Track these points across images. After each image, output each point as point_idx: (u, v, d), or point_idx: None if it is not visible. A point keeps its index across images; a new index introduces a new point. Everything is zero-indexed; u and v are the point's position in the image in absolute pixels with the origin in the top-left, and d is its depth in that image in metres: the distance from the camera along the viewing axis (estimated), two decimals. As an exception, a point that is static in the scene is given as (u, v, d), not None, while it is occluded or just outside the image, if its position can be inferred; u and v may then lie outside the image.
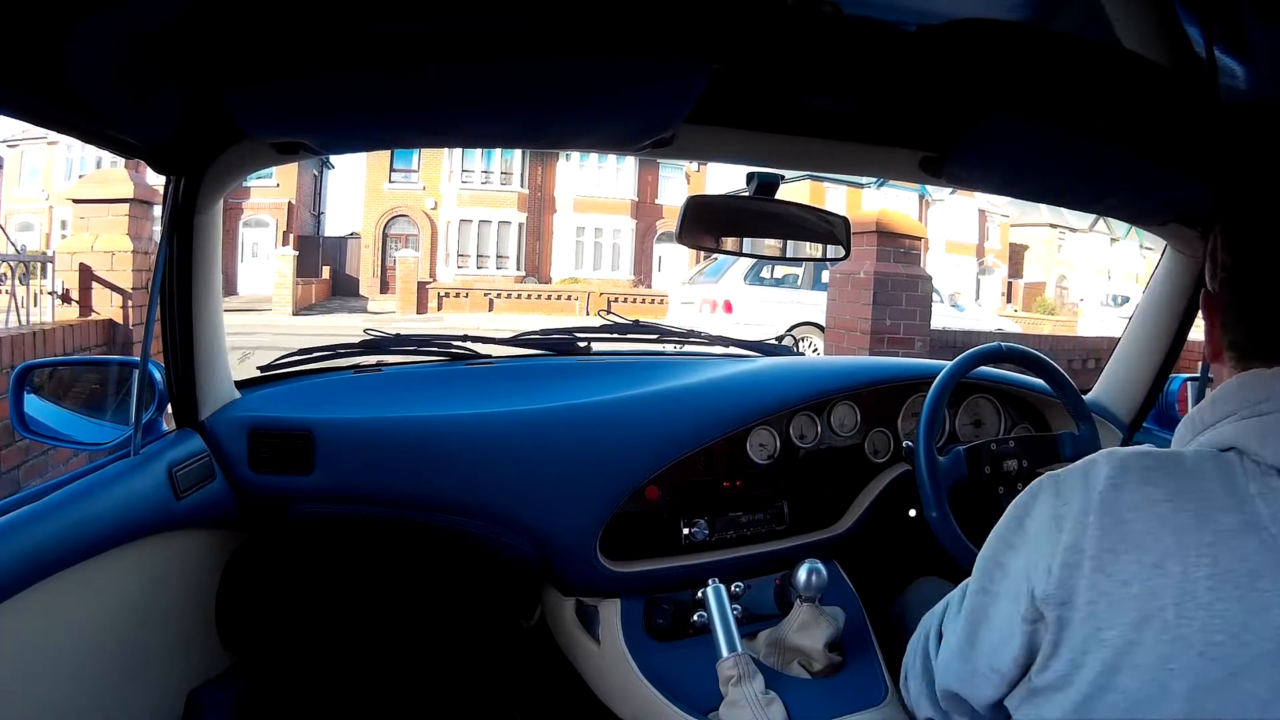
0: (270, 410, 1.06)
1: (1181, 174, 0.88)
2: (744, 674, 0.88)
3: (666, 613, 1.05)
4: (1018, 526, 0.56)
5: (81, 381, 1.12)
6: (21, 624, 0.71)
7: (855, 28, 0.64)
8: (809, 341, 6.85)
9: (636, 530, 1.10)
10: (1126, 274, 23.35)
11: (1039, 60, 0.66)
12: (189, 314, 0.93)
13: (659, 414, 1.13)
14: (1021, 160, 0.88)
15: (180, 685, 1.02)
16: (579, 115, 0.75)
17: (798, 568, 0.99)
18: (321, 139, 0.80)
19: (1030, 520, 0.55)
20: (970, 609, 0.61)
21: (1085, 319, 17.10)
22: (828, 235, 1.10)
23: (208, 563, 1.07)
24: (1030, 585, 0.53)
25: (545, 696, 1.31)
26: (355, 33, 0.62)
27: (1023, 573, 0.54)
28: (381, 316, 15.06)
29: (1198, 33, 0.58)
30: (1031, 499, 0.56)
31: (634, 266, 20.58)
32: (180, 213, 0.87)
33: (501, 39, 0.63)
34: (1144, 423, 1.34)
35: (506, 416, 1.09)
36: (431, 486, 1.05)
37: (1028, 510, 0.56)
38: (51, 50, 0.55)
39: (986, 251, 22.37)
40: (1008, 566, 0.56)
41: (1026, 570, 0.54)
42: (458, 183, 19.74)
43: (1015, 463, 1.10)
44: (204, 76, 0.67)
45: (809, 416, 1.22)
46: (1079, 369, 5.72)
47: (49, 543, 0.73)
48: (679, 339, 1.53)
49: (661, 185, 20.96)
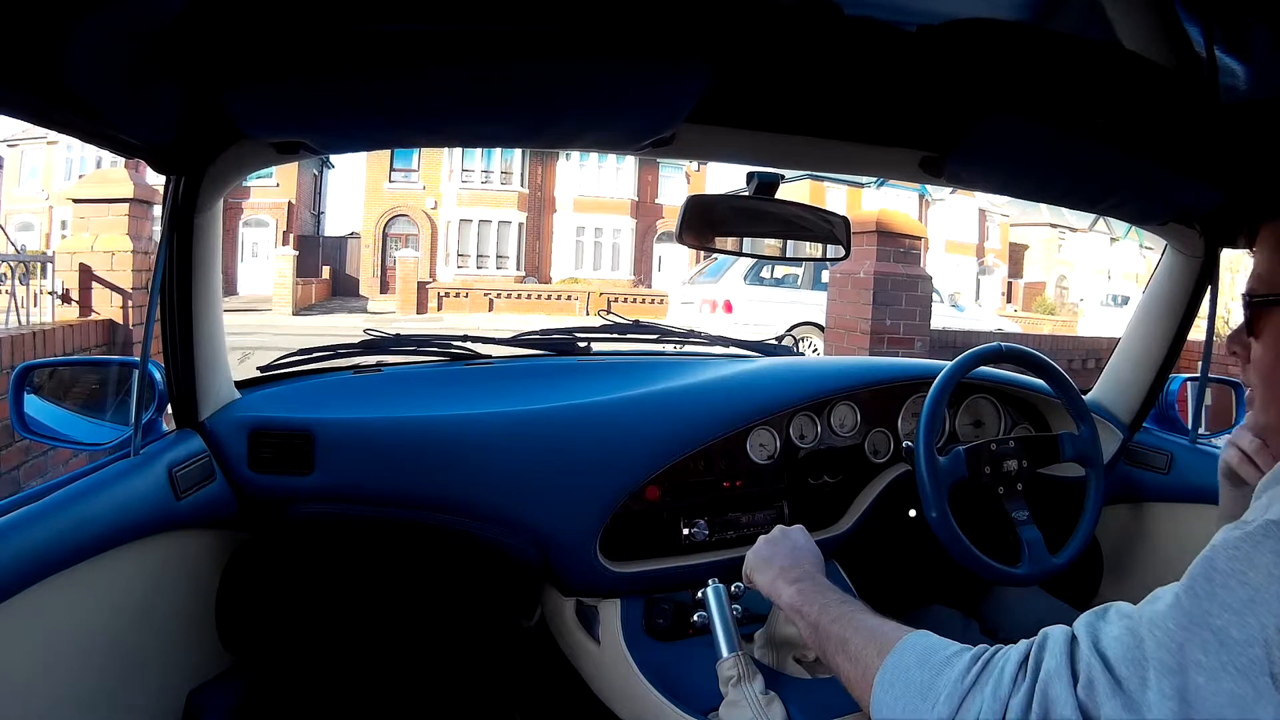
0: (270, 410, 1.06)
1: (1181, 174, 0.88)
2: (744, 674, 0.88)
3: (666, 613, 1.05)
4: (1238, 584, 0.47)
5: (81, 382, 1.12)
6: (21, 624, 0.70)
7: (855, 27, 0.64)
8: (809, 341, 6.85)
9: (636, 530, 1.10)
10: (1126, 274, 23.36)
11: (1039, 60, 0.66)
12: (189, 314, 0.93)
13: (659, 414, 1.13)
14: (1021, 160, 0.88)
15: (180, 685, 1.02)
16: (579, 115, 0.75)
17: None
18: (321, 139, 0.80)
19: (1254, 573, 0.47)
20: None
21: (1085, 319, 17.12)
22: (828, 235, 1.10)
23: (208, 563, 1.07)
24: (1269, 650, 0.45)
25: (545, 696, 1.31)
26: (355, 33, 0.62)
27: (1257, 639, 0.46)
28: (381, 316, 15.06)
29: (1198, 33, 0.58)
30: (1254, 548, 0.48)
31: (634, 266, 20.58)
32: (180, 213, 0.87)
33: (501, 39, 0.63)
34: (1144, 423, 1.34)
35: (506, 416, 1.09)
36: (432, 486, 1.05)
37: (1250, 561, 0.47)
38: (52, 50, 0.55)
39: (986, 251, 22.39)
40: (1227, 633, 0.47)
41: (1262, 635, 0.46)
42: (458, 182, 19.74)
43: (1015, 463, 1.10)
44: (205, 76, 0.67)
45: (809, 416, 1.22)
46: (1079, 369, 5.72)
47: (49, 543, 0.73)
48: (679, 339, 1.53)
49: (661, 185, 20.97)
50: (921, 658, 0.59)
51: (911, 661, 0.60)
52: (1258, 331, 0.62)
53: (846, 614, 0.71)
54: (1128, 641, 0.50)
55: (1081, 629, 0.54)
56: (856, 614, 0.70)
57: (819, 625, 0.73)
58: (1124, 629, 0.51)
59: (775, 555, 0.87)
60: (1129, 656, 0.49)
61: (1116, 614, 0.54)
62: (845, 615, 0.71)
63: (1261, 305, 0.61)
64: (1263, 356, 0.62)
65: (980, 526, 1.09)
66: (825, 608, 0.74)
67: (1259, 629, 0.46)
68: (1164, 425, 1.34)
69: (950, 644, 0.60)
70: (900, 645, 0.62)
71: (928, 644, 0.61)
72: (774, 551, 0.88)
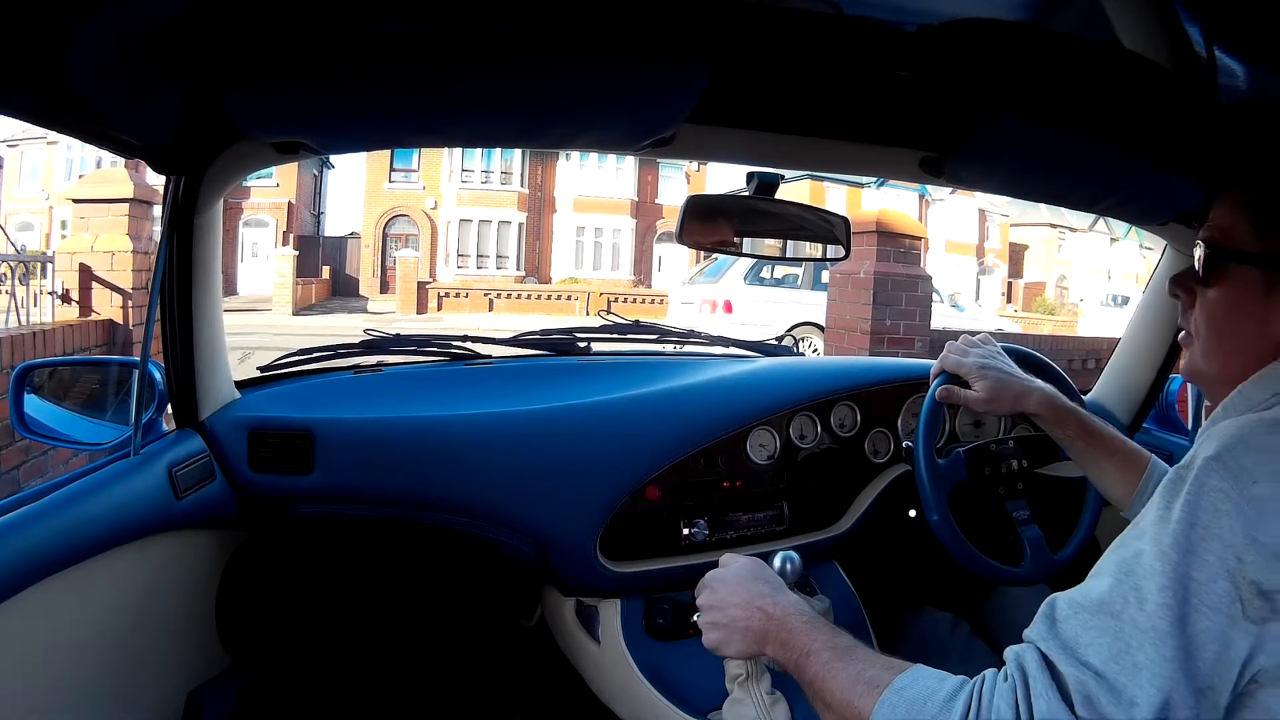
0: (270, 410, 1.06)
1: (1181, 174, 0.88)
2: (752, 673, 0.88)
3: (666, 613, 1.05)
4: (1189, 528, 0.50)
5: (81, 382, 1.12)
6: (21, 624, 0.70)
7: (855, 27, 0.64)
8: (809, 342, 6.85)
9: (637, 530, 1.10)
10: (1126, 274, 23.37)
11: (1038, 60, 0.66)
12: (189, 314, 0.93)
13: (659, 414, 1.13)
14: (1021, 160, 0.88)
15: (180, 685, 1.02)
16: (579, 115, 0.75)
17: (771, 559, 0.99)
18: (321, 139, 0.80)
19: (1202, 513, 0.50)
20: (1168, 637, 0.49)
21: (1085, 319, 17.12)
22: (828, 235, 1.10)
23: (208, 563, 1.07)
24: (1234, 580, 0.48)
25: (545, 696, 1.31)
26: (355, 33, 0.62)
27: (1220, 571, 0.49)
28: (381, 316, 15.06)
29: (1198, 33, 0.58)
30: (1199, 491, 0.51)
31: (634, 266, 20.59)
32: (180, 213, 0.87)
33: (501, 39, 0.63)
34: (1144, 423, 1.34)
35: (506, 416, 1.09)
36: (431, 486, 1.05)
37: (1198, 504, 0.50)
38: (51, 50, 0.55)
39: (986, 251, 22.39)
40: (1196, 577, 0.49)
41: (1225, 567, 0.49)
42: (458, 182, 19.75)
43: (1015, 462, 1.10)
44: (204, 76, 0.67)
45: (809, 416, 1.22)
46: (1080, 369, 5.72)
47: (49, 543, 0.73)
48: (679, 339, 1.53)
49: (661, 185, 20.97)
50: (910, 715, 0.55)
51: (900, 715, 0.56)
52: (1215, 280, 0.63)
53: (817, 670, 0.63)
54: (1105, 640, 0.50)
55: (1049, 644, 0.52)
56: (824, 671, 0.62)
57: (803, 684, 0.65)
58: (1092, 626, 0.51)
59: (729, 604, 0.73)
60: (1113, 652, 0.50)
61: (1069, 609, 0.53)
62: (817, 673, 0.63)
63: (1223, 257, 0.62)
64: (1215, 306, 0.63)
65: (981, 527, 1.09)
66: (798, 665, 0.65)
67: (1219, 564, 0.48)
68: (1164, 425, 1.34)
69: (936, 689, 0.55)
70: (880, 706, 0.56)
71: (911, 697, 0.56)
72: (724, 601, 0.74)
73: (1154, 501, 0.53)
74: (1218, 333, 0.64)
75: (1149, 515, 0.53)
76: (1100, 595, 0.52)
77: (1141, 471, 0.92)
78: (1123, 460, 0.94)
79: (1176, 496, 0.51)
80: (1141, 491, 0.91)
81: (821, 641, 0.64)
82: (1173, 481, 0.53)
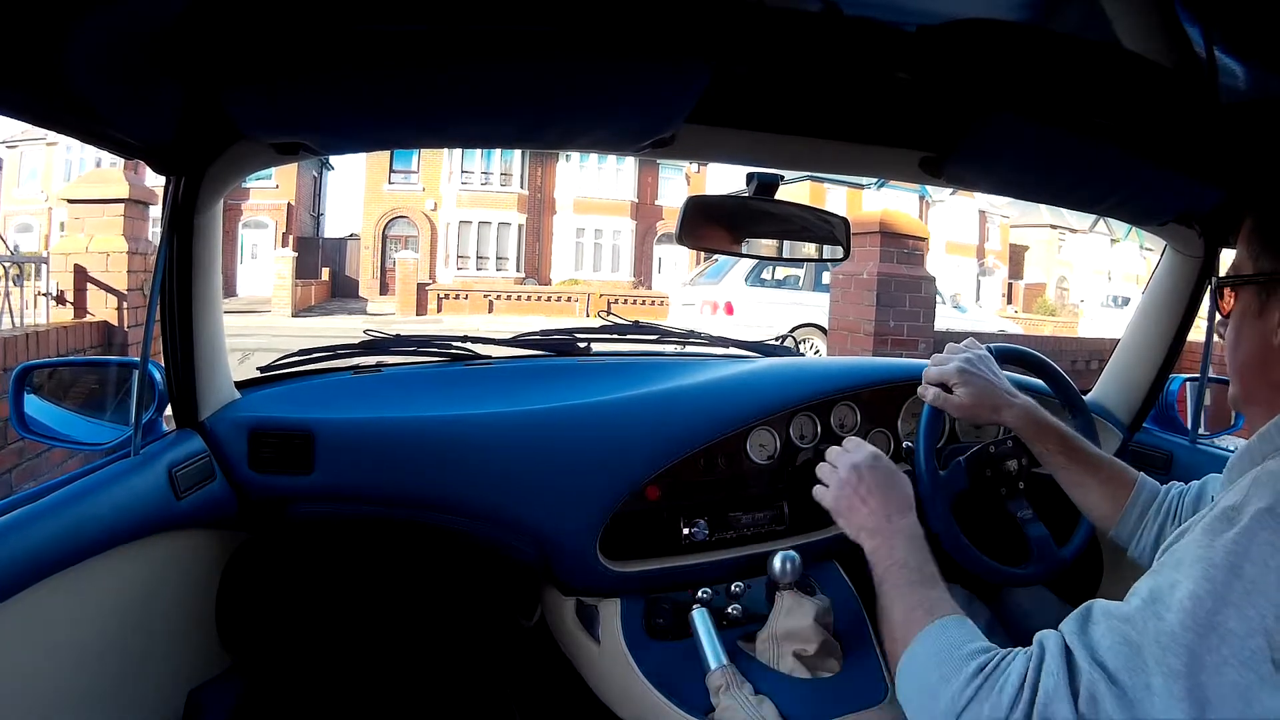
0: (270, 410, 1.06)
1: (1181, 174, 0.88)
2: (732, 681, 0.89)
3: (666, 613, 1.05)
4: (1232, 578, 0.49)
5: (81, 382, 1.12)
6: (22, 624, 0.70)
7: (855, 27, 0.64)
8: (810, 343, 6.85)
9: (636, 530, 1.10)
10: (1127, 275, 23.39)
11: (1038, 60, 0.66)
12: (189, 314, 0.94)
13: (659, 414, 1.13)
14: (1021, 160, 0.88)
15: (180, 685, 1.02)
16: (579, 115, 0.75)
17: (771, 559, 1.00)
18: (321, 139, 0.80)
19: (1249, 565, 0.49)
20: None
21: (1086, 320, 17.13)
22: (827, 236, 1.10)
23: (208, 563, 1.07)
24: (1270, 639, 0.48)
25: (545, 696, 1.31)
26: (355, 33, 0.62)
27: (1258, 627, 0.48)
28: (381, 318, 15.07)
29: (1198, 33, 0.58)
30: (1249, 542, 0.50)
31: (634, 268, 20.59)
32: (180, 213, 0.87)
33: (501, 39, 0.63)
34: (1144, 423, 1.34)
35: (506, 417, 1.09)
36: (431, 487, 1.05)
37: (1245, 555, 0.49)
38: (51, 50, 0.55)
39: (987, 252, 22.41)
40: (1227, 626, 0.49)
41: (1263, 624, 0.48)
42: (457, 184, 19.75)
43: (1015, 462, 1.10)
44: (204, 76, 0.67)
45: (809, 417, 1.22)
46: (1081, 370, 5.72)
47: (49, 543, 0.73)
48: (679, 340, 1.53)
49: (661, 186, 20.98)
50: (939, 655, 0.62)
51: (930, 656, 0.63)
52: (1226, 310, 0.67)
53: (899, 580, 0.73)
54: (1125, 651, 0.52)
55: (1073, 638, 0.55)
56: (904, 583, 0.72)
57: (880, 590, 0.75)
58: (1118, 636, 0.53)
59: (868, 497, 0.84)
60: (1129, 665, 0.51)
61: (1103, 615, 0.55)
62: (897, 582, 0.73)
63: (1227, 285, 0.66)
64: (1228, 334, 0.67)
65: (985, 529, 1.09)
66: (888, 570, 0.75)
67: (1258, 619, 0.48)
68: (1164, 425, 1.34)
69: (969, 640, 0.62)
70: (923, 634, 0.65)
71: (947, 640, 0.63)
72: (865, 493, 0.85)
73: (1196, 537, 0.53)
74: (1230, 356, 0.67)
75: (1189, 549, 0.53)
76: (1127, 614, 0.53)
77: (1128, 490, 0.92)
78: (1107, 478, 0.94)
79: (1220, 537, 0.51)
80: (1129, 511, 0.91)
81: (915, 562, 0.75)
82: (1219, 520, 0.52)
